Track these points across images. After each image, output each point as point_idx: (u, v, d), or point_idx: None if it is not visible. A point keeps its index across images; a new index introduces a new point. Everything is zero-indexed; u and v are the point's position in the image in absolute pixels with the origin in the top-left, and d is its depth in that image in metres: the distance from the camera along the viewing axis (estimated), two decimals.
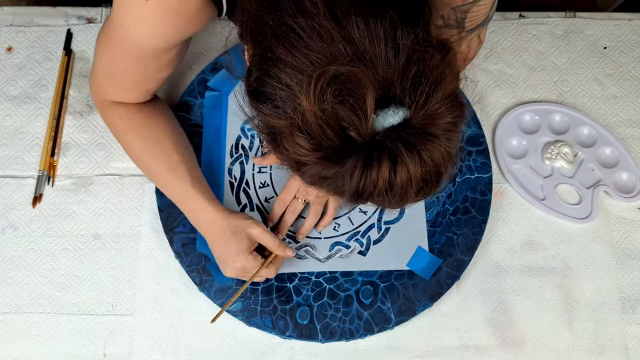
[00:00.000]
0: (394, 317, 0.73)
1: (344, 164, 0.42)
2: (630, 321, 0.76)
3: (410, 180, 0.43)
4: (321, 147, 0.42)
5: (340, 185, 0.44)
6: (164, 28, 0.60)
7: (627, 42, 0.90)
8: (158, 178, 0.73)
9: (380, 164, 0.42)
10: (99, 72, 0.70)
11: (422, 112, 0.42)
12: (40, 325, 0.74)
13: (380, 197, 0.44)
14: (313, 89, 0.41)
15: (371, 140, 0.42)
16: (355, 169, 0.42)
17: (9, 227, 0.78)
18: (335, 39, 0.42)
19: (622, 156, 0.82)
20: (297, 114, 0.42)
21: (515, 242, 0.79)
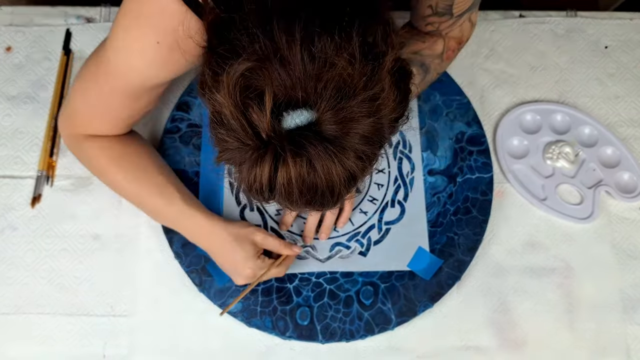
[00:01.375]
0: (395, 317, 0.73)
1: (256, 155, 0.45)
2: (631, 322, 0.76)
3: (290, 183, 0.45)
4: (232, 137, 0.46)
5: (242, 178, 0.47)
6: (168, 67, 0.60)
7: (628, 41, 0.89)
8: (148, 204, 0.72)
9: (264, 159, 0.45)
10: (78, 107, 0.69)
11: (331, 119, 0.44)
12: (40, 326, 0.74)
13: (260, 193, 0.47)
14: (226, 81, 0.44)
15: (270, 137, 0.44)
16: (250, 163, 0.45)
17: (8, 227, 0.78)
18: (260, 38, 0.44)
19: (624, 156, 0.82)
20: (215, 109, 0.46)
21: (516, 243, 0.79)
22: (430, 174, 0.80)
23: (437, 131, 0.82)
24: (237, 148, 0.46)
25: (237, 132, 0.45)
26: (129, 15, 0.58)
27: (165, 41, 0.57)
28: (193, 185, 0.78)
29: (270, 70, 0.44)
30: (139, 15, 0.57)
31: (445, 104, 0.83)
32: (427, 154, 0.81)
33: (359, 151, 0.46)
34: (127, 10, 0.58)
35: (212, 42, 0.50)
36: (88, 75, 0.66)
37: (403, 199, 0.79)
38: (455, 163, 0.80)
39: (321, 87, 0.44)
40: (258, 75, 0.44)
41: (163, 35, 0.57)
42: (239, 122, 0.45)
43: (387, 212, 0.79)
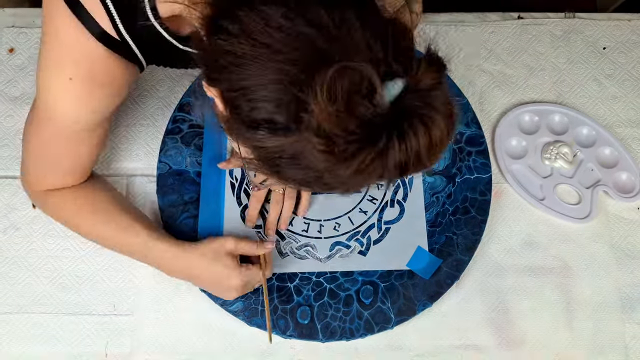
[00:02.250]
0: (394, 316, 0.73)
1: (378, 147, 0.42)
2: (630, 321, 0.76)
3: (442, 132, 0.44)
4: (348, 143, 0.42)
5: (382, 167, 0.43)
6: (93, 102, 0.60)
7: (626, 42, 0.90)
8: (116, 243, 0.72)
9: (415, 130, 0.42)
10: (32, 165, 0.69)
11: (416, 77, 0.43)
12: (42, 325, 0.74)
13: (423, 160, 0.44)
14: (320, 93, 0.40)
15: (392, 115, 0.42)
16: (393, 145, 0.42)
17: (11, 227, 0.78)
18: (316, 40, 0.42)
19: (622, 156, 0.83)
20: (312, 124, 0.41)
21: (514, 242, 0.79)
22: (429, 174, 0.81)
23: None
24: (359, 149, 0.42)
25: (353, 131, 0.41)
26: (41, 55, 0.58)
27: (78, 77, 0.57)
28: (195, 186, 0.79)
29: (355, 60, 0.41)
30: (49, 51, 0.57)
31: None
32: None
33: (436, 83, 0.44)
34: (40, 51, 0.58)
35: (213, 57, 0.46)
36: (30, 128, 0.66)
37: (402, 199, 0.80)
38: (454, 163, 0.81)
39: (392, 55, 0.43)
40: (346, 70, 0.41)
41: (74, 71, 0.57)
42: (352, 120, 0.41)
43: (387, 211, 0.79)
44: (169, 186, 0.79)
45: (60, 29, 0.56)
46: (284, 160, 0.45)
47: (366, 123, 0.41)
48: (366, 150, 0.42)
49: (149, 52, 0.61)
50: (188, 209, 0.78)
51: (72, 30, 0.55)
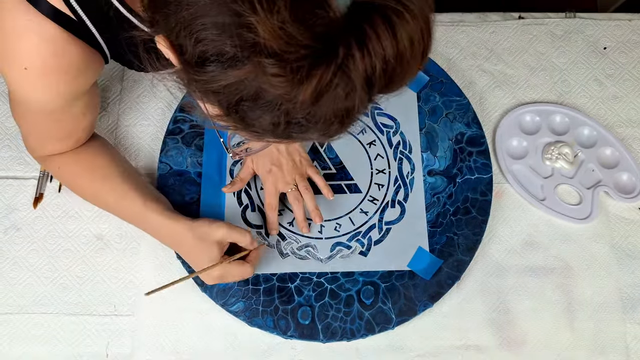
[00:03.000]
0: (395, 317, 0.73)
1: (337, 61, 0.36)
2: (631, 321, 0.76)
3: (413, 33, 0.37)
4: (301, 62, 0.36)
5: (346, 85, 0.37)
6: (55, 88, 0.58)
7: (627, 42, 0.90)
8: (114, 208, 0.73)
9: (378, 29, 0.36)
10: (27, 135, 0.72)
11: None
12: (43, 326, 0.74)
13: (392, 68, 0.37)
14: (259, 5, 0.34)
15: (350, 18, 0.36)
16: (354, 53, 0.36)
17: (12, 227, 0.78)
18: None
19: (623, 157, 0.83)
20: (259, 47, 0.35)
21: (515, 243, 0.79)
22: (430, 174, 0.81)
23: (436, 132, 0.83)
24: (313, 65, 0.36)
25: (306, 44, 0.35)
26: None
27: (33, 65, 0.55)
28: (195, 186, 0.79)
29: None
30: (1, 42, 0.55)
31: (445, 105, 0.83)
32: (427, 154, 0.82)
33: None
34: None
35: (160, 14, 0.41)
36: (12, 108, 0.67)
37: (403, 199, 0.80)
38: (455, 164, 0.81)
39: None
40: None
41: (27, 60, 0.54)
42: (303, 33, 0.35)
43: (388, 212, 0.79)
44: (170, 186, 0.79)
45: (10, 16, 0.53)
46: (246, 104, 0.40)
47: (319, 34, 0.35)
48: (323, 64, 0.36)
49: (104, 30, 0.57)
50: (189, 209, 0.78)
51: (22, 15, 0.52)
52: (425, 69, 0.85)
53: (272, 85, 0.37)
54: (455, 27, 0.90)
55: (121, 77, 0.86)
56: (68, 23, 0.54)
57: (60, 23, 0.53)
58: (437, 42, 0.88)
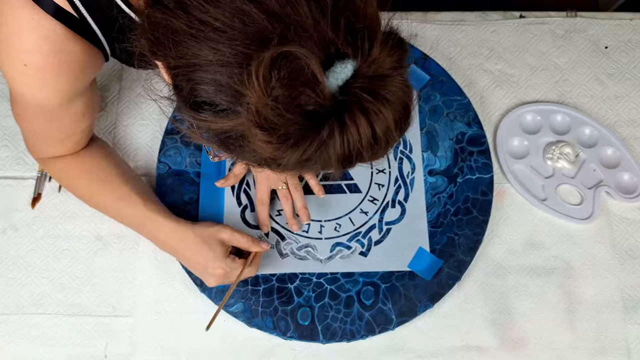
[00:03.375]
0: (395, 317, 0.73)
1: (320, 138, 0.39)
2: (632, 321, 0.76)
3: (388, 125, 0.41)
4: (289, 134, 0.39)
5: (325, 159, 0.41)
6: (55, 85, 0.58)
7: (628, 41, 0.90)
8: (112, 212, 0.73)
9: (357, 121, 0.39)
10: (27, 137, 0.71)
11: (368, 58, 0.40)
12: (41, 326, 0.74)
13: (368, 153, 0.42)
14: (256, 81, 0.37)
15: (334, 103, 0.39)
16: (334, 137, 0.40)
17: (10, 228, 0.78)
18: (256, 18, 0.38)
19: (624, 156, 0.82)
20: (250, 113, 0.39)
21: (516, 243, 0.79)
22: (430, 174, 0.81)
23: (437, 131, 0.82)
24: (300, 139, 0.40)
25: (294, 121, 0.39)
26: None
27: (34, 61, 0.54)
28: (194, 186, 0.79)
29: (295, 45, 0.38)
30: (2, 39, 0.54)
31: (446, 105, 0.83)
32: (428, 154, 0.82)
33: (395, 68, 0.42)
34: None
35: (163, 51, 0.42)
36: (13, 108, 0.66)
37: (404, 199, 0.79)
38: (456, 163, 0.80)
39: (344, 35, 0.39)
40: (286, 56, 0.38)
41: (27, 56, 0.54)
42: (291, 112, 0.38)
43: (388, 212, 0.79)
44: (169, 186, 0.78)
45: (12, 13, 0.53)
46: (232, 141, 0.43)
47: (308, 112, 0.39)
48: (307, 141, 0.40)
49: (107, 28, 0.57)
50: (187, 209, 0.77)
51: (26, 12, 0.52)
52: (425, 69, 0.84)
53: (260, 147, 0.40)
54: (456, 26, 0.89)
55: (120, 77, 0.85)
56: (70, 20, 0.54)
57: (63, 20, 0.53)
58: (437, 41, 0.88)
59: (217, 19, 0.39)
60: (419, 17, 0.90)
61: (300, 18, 0.39)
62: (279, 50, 0.37)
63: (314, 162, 0.41)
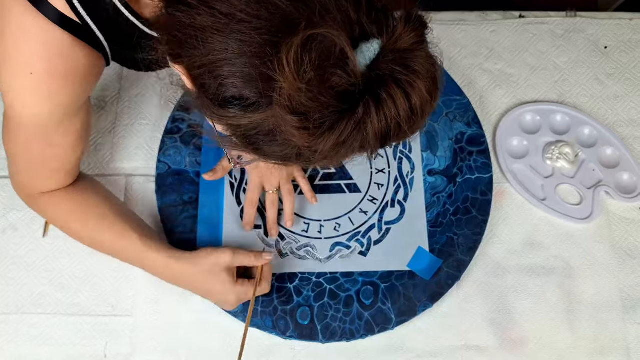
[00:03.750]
0: (395, 317, 0.73)
1: (356, 117, 0.40)
2: (631, 321, 0.76)
3: (423, 96, 0.41)
4: (324, 117, 0.39)
5: (364, 139, 0.41)
6: (59, 95, 0.57)
7: (628, 41, 0.90)
8: (111, 250, 0.71)
9: (393, 95, 0.40)
10: (17, 169, 0.68)
11: (391, 35, 0.40)
12: (41, 326, 0.74)
13: (406, 125, 0.42)
14: (287, 67, 0.37)
15: (367, 81, 0.40)
16: (371, 114, 0.40)
17: (10, 227, 0.78)
18: (280, 4, 0.39)
19: (623, 156, 0.82)
20: (283, 100, 0.39)
21: (516, 242, 0.79)
22: (430, 174, 0.81)
23: (437, 131, 0.82)
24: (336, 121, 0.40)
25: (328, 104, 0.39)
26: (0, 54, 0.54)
27: (40, 69, 0.54)
28: (194, 186, 0.79)
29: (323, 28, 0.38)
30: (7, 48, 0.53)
31: (445, 104, 0.83)
32: (427, 154, 0.82)
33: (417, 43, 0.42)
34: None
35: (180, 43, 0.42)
36: (7, 135, 0.64)
37: (403, 199, 0.79)
38: (455, 163, 0.80)
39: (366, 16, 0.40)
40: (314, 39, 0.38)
41: (32, 65, 0.53)
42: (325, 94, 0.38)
43: (387, 212, 0.79)
44: (168, 186, 0.79)
45: (16, 21, 0.52)
46: (261, 137, 0.43)
47: (341, 93, 0.39)
48: (343, 122, 0.40)
49: (110, 34, 0.57)
50: (187, 209, 0.77)
51: (29, 20, 0.51)
52: None
53: (294, 136, 0.40)
54: (456, 26, 0.89)
55: (119, 77, 0.85)
56: (72, 27, 0.53)
57: (65, 27, 0.53)
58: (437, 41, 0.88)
59: (241, 11, 0.39)
60: None
61: (323, 1, 0.39)
62: (308, 33, 0.38)
63: (351, 143, 0.41)
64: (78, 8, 0.52)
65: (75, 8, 0.52)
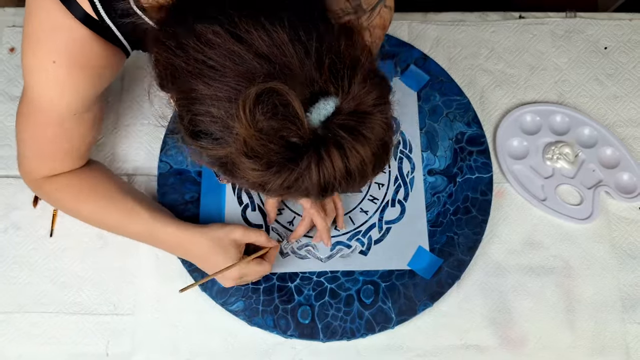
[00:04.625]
0: (395, 316, 0.73)
1: (299, 168, 0.44)
2: (631, 321, 0.76)
3: (363, 160, 0.45)
4: (272, 162, 0.44)
5: (304, 188, 0.45)
6: (78, 86, 0.60)
7: (627, 42, 0.90)
8: (119, 229, 0.72)
9: (332, 156, 0.43)
10: (26, 154, 0.69)
11: (349, 95, 0.44)
12: (43, 325, 0.74)
13: (343, 185, 0.46)
14: (243, 114, 0.42)
15: (314, 137, 0.43)
16: (311, 169, 0.44)
17: (12, 226, 0.78)
18: (246, 58, 0.43)
19: (623, 156, 0.83)
20: (238, 142, 0.43)
21: (516, 242, 0.79)
22: (430, 173, 0.81)
23: (437, 131, 0.82)
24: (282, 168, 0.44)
25: (276, 151, 0.43)
26: (25, 39, 0.58)
27: (62, 59, 0.57)
28: (195, 185, 0.79)
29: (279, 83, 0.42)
30: (31, 36, 0.58)
31: (445, 105, 0.83)
32: (427, 154, 0.82)
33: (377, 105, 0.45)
34: (24, 33, 0.58)
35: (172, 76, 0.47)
36: (21, 118, 0.66)
37: (403, 199, 0.80)
38: (455, 163, 0.81)
39: (327, 74, 0.43)
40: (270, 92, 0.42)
41: (57, 54, 0.57)
42: (274, 142, 0.43)
43: (388, 211, 0.79)
44: (170, 185, 0.79)
45: (44, 14, 0.56)
46: (228, 166, 0.47)
47: (289, 143, 0.43)
48: (287, 170, 0.44)
49: (131, 36, 0.60)
50: (189, 208, 0.78)
51: (54, 13, 0.55)
52: (425, 69, 0.85)
53: (248, 174, 0.45)
54: (456, 27, 0.90)
55: (121, 77, 0.86)
56: (95, 25, 0.57)
57: (88, 24, 0.56)
58: (437, 41, 0.88)
59: (211, 58, 0.44)
60: (419, 18, 0.90)
61: (286, 58, 0.43)
62: (262, 88, 0.42)
63: (295, 189, 0.45)
64: (100, 11, 0.55)
65: (97, 9, 0.55)
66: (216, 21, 0.44)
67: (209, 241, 0.69)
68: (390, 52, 0.85)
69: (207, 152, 0.47)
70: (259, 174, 0.44)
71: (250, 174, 0.45)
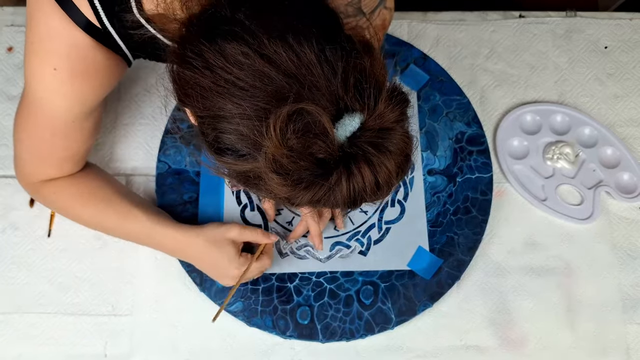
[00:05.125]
0: (395, 317, 0.73)
1: (329, 183, 0.45)
2: (631, 321, 0.76)
3: (390, 173, 0.46)
4: (301, 178, 0.45)
5: (333, 201, 0.47)
6: (79, 93, 0.60)
7: (628, 41, 0.90)
8: (117, 231, 0.72)
9: (362, 171, 0.45)
10: (24, 156, 0.69)
11: (375, 113, 0.45)
12: (41, 326, 0.74)
13: (371, 197, 0.47)
14: (274, 133, 0.43)
15: (342, 153, 0.45)
16: (341, 183, 0.45)
17: (10, 227, 0.78)
18: (275, 79, 0.44)
19: (624, 156, 0.82)
20: (267, 159, 0.44)
21: (516, 242, 0.79)
22: (430, 173, 0.81)
23: (437, 131, 0.82)
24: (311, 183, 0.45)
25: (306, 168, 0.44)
26: (27, 44, 0.58)
27: (63, 67, 0.57)
28: (194, 185, 0.79)
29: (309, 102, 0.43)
30: (32, 41, 0.58)
31: (445, 104, 0.83)
32: (427, 153, 0.82)
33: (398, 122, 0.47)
34: (26, 37, 0.58)
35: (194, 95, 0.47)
36: (20, 120, 0.66)
37: (403, 199, 0.79)
38: (455, 163, 0.80)
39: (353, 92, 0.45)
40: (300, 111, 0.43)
41: (58, 61, 0.57)
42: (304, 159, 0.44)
43: (387, 211, 0.79)
44: (168, 186, 0.79)
45: (44, 20, 0.56)
46: (252, 180, 0.48)
47: (319, 160, 0.44)
48: (317, 185, 0.45)
49: (133, 45, 0.60)
50: (187, 208, 0.77)
51: (57, 21, 0.55)
52: (425, 68, 0.85)
53: (275, 189, 0.46)
54: (456, 26, 0.89)
55: None
56: (96, 33, 0.57)
57: (90, 32, 0.56)
58: (437, 41, 0.88)
59: (240, 79, 0.44)
60: (419, 17, 0.90)
61: (314, 78, 0.44)
62: (294, 108, 0.43)
63: (323, 202, 0.47)
64: (103, 19, 0.55)
65: (100, 17, 0.55)
66: (244, 41, 0.44)
67: (204, 241, 0.69)
68: (390, 51, 0.85)
69: (231, 167, 0.48)
70: (288, 189, 0.45)
71: (278, 189, 0.46)
